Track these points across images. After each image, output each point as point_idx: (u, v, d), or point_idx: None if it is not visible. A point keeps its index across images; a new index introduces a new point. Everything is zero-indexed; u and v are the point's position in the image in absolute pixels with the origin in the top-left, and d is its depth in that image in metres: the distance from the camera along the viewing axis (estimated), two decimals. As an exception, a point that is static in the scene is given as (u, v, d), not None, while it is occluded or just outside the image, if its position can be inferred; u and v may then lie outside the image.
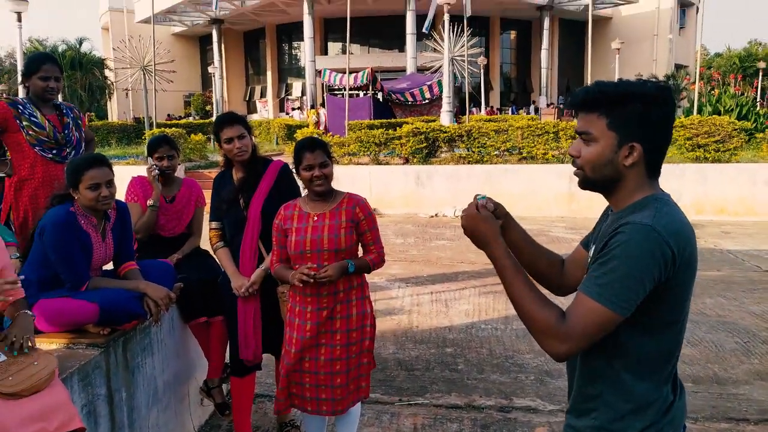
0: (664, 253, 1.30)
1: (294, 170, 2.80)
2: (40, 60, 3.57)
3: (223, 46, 38.73)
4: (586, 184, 1.49)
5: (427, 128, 11.94)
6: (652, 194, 1.41)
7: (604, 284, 1.31)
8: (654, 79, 1.44)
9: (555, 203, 10.88)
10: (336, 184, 2.80)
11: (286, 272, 2.70)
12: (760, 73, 34.21)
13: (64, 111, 3.70)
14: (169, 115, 36.46)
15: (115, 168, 2.77)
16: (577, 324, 1.33)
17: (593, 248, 1.48)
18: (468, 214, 1.53)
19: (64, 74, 3.79)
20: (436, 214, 11.20)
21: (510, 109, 30.39)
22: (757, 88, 29.47)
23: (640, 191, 1.42)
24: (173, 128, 17.18)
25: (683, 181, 10.40)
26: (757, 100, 22.61)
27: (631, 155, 1.39)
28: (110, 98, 39.03)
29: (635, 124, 1.37)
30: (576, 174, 1.49)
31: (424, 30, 20.83)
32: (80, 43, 36.56)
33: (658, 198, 1.40)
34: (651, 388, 1.42)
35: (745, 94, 18.58)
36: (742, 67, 39.96)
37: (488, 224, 1.51)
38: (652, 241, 1.29)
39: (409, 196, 11.46)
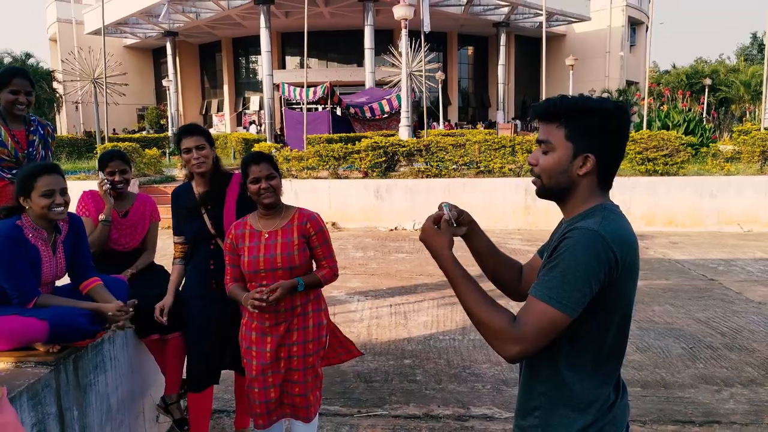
0: (608, 256, 1.37)
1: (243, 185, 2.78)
2: (10, 73, 3.45)
3: (177, 59, 38.17)
4: (542, 191, 1.56)
5: (386, 142, 12.03)
6: (601, 203, 1.49)
7: (553, 287, 1.37)
8: (609, 96, 1.53)
9: (512, 216, 11.09)
10: (295, 198, 2.82)
11: (240, 293, 2.70)
12: (706, 90, 35.65)
13: (33, 128, 3.57)
14: (114, 129, 35.37)
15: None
16: (528, 326, 1.38)
17: (546, 255, 1.55)
18: (422, 228, 1.60)
19: (35, 89, 3.63)
20: (395, 228, 11.27)
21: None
22: (703, 104, 30.65)
23: (590, 201, 1.50)
24: (127, 142, 16.84)
25: (634, 193, 10.75)
26: (704, 115, 23.50)
27: (585, 165, 1.47)
28: (59, 111, 37.99)
29: (591, 136, 1.46)
30: (534, 182, 1.57)
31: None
32: (27, 56, 35.60)
33: (606, 207, 1.48)
34: (592, 387, 1.48)
35: (692, 110, 19.28)
36: (689, 84, 41.50)
37: (438, 237, 1.57)
38: (597, 244, 1.37)
39: (369, 210, 11.51)
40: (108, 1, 24.87)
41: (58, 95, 33.93)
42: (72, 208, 3.31)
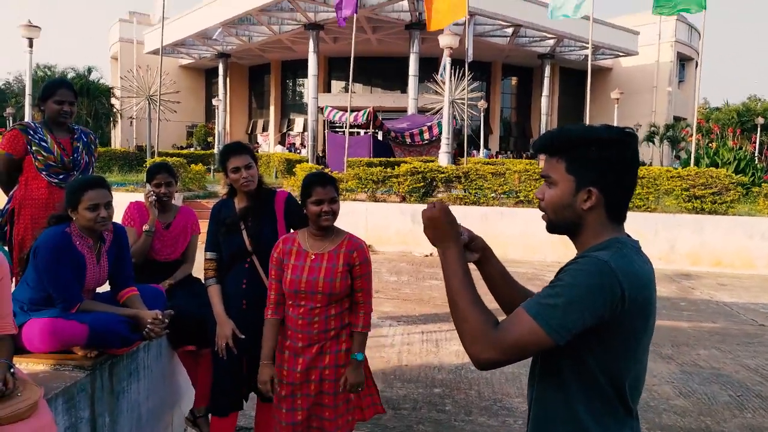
0: (613, 290, 1.28)
1: (300, 202, 2.77)
2: (56, 85, 3.71)
3: (228, 79, 39.28)
4: (550, 227, 1.49)
5: (425, 168, 12.04)
6: (615, 237, 1.40)
7: (545, 305, 1.30)
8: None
9: (550, 247, 10.87)
10: (333, 219, 2.79)
11: (269, 343, 2.71)
12: (759, 129, 34.70)
13: (77, 135, 3.78)
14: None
15: (115, 194, 2.81)
16: (508, 334, 1.30)
17: None
18: (437, 208, 1.49)
19: (77, 100, 3.90)
20: (431, 254, 11.20)
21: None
22: (755, 143, 29.82)
23: (602, 235, 1.41)
24: (174, 157, 17.28)
25: (679, 231, 10.46)
26: (756, 155, 22.84)
27: (589, 199, 1.39)
28: (115, 126, 39.52)
29: (592, 168, 1.38)
30: (543, 218, 1.50)
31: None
32: (89, 71, 37.20)
33: (620, 240, 1.39)
34: (612, 426, 1.38)
35: (744, 149, 18.75)
36: (741, 122, 40.54)
37: (453, 223, 1.49)
38: (603, 275, 1.28)
39: (405, 234, 11.48)
40: (168, 23, 25.80)
41: (115, 110, 35.24)
42: (118, 217, 3.40)
